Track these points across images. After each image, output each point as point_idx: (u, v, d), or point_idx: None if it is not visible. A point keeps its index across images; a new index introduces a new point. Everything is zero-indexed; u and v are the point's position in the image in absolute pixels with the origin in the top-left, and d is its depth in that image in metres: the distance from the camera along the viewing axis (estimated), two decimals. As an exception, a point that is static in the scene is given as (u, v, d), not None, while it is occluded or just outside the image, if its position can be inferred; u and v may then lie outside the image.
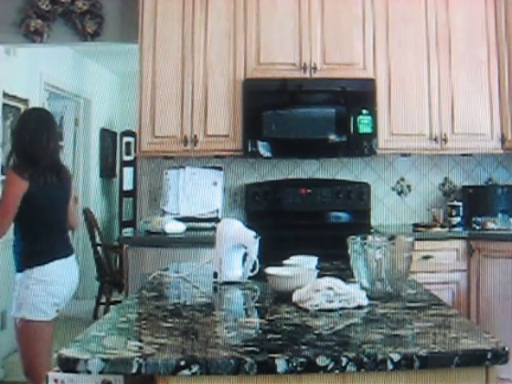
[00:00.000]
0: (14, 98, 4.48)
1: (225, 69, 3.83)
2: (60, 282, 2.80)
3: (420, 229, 3.69)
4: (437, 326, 1.55)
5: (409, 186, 4.16)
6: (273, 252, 2.15)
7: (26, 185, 2.71)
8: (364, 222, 3.98)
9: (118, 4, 4.15)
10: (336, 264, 2.35)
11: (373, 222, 4.02)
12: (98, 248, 5.40)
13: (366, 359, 1.26)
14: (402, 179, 4.16)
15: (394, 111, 3.82)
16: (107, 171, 7.18)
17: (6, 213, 2.74)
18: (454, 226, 3.79)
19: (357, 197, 3.99)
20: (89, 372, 1.26)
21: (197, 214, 3.86)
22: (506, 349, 1.29)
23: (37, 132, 2.82)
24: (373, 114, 3.77)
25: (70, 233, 3.12)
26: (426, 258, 3.47)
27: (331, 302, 1.67)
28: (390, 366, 1.26)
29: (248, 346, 1.36)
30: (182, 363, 1.25)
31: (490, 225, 3.62)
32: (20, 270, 2.79)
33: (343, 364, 1.25)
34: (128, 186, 7.13)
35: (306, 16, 3.83)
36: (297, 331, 1.50)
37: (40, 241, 2.78)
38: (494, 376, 1.31)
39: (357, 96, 3.81)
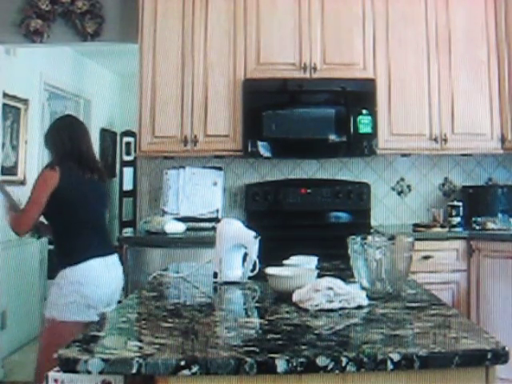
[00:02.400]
0: (13, 97, 4.48)
1: (225, 69, 3.83)
2: (94, 282, 2.67)
3: (420, 229, 3.69)
4: (437, 326, 1.55)
5: (409, 186, 4.16)
6: (273, 252, 2.15)
7: (57, 176, 2.67)
8: (364, 222, 3.98)
9: (118, 4, 4.15)
10: (336, 264, 2.35)
11: (373, 222, 4.02)
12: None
13: (366, 359, 1.26)
14: (402, 179, 4.16)
15: (393, 111, 3.82)
16: (107, 171, 7.16)
17: (29, 214, 2.70)
18: (454, 226, 3.79)
19: (357, 197, 3.99)
20: (89, 372, 1.26)
21: (197, 213, 3.86)
22: (506, 349, 1.29)
23: (75, 132, 2.86)
24: (373, 114, 3.77)
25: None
26: (426, 257, 3.47)
27: (331, 301, 1.67)
28: (390, 366, 1.26)
29: (248, 346, 1.36)
30: (182, 363, 1.25)
31: (490, 225, 3.62)
32: (57, 270, 2.70)
33: (343, 364, 1.25)
34: (128, 186, 7.13)
35: (305, 16, 3.83)
36: (297, 331, 1.50)
37: (72, 239, 2.71)
38: (494, 376, 1.31)
39: (357, 96, 3.81)
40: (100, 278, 2.69)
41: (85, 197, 2.79)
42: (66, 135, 2.83)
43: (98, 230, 2.83)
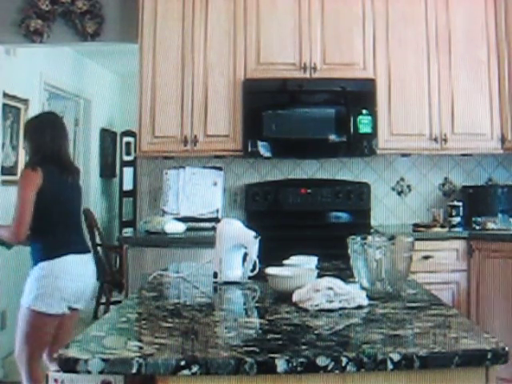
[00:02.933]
0: (13, 97, 4.48)
1: (225, 69, 3.83)
2: (69, 277, 2.81)
3: (420, 229, 3.69)
4: (437, 326, 1.55)
5: (409, 186, 4.16)
6: (273, 252, 2.15)
7: (40, 177, 2.78)
8: (364, 222, 3.98)
9: (118, 4, 4.15)
10: (336, 264, 2.35)
11: (373, 222, 4.02)
12: (98, 248, 5.40)
13: (366, 359, 1.26)
14: (402, 179, 4.16)
15: (394, 111, 3.82)
16: (107, 171, 7.18)
17: (23, 215, 2.78)
18: (454, 226, 3.79)
19: (357, 197, 3.99)
20: (89, 372, 1.26)
21: (197, 213, 3.86)
22: (506, 349, 1.29)
23: (54, 131, 2.95)
24: (373, 114, 3.77)
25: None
26: (426, 257, 3.47)
27: (331, 301, 1.67)
28: (390, 366, 1.26)
29: (248, 346, 1.36)
30: (182, 363, 1.25)
31: (490, 225, 3.62)
32: (33, 263, 2.83)
33: (343, 364, 1.25)
34: (128, 186, 7.13)
35: (305, 16, 3.83)
36: (297, 331, 1.50)
37: (50, 236, 2.83)
38: (494, 376, 1.31)
39: (357, 96, 3.81)
40: (74, 273, 2.83)
41: (64, 197, 2.91)
42: (48, 136, 2.92)
43: (74, 228, 2.98)
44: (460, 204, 3.86)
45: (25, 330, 2.83)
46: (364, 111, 3.76)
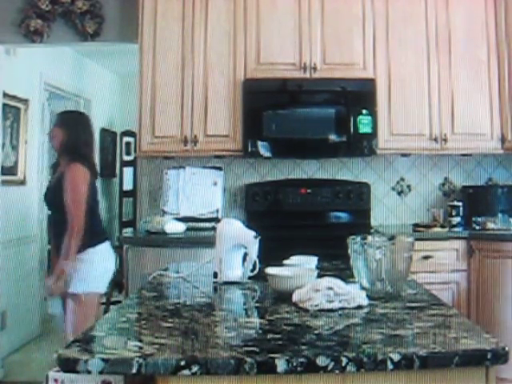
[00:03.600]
0: (13, 97, 4.48)
1: (225, 69, 3.83)
2: (110, 259, 3.13)
3: (420, 229, 3.69)
4: (437, 326, 1.55)
5: (409, 186, 4.16)
6: (273, 252, 2.15)
7: (88, 173, 3.05)
8: (364, 222, 3.97)
9: (118, 4, 4.15)
10: (336, 264, 2.35)
11: (373, 222, 4.02)
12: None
13: (366, 359, 1.26)
14: (402, 179, 4.16)
15: (393, 111, 3.82)
16: (107, 171, 7.18)
17: (81, 204, 2.98)
18: (454, 225, 3.79)
19: (357, 197, 3.99)
20: (89, 372, 1.26)
21: (197, 214, 3.86)
22: (506, 349, 1.29)
23: (89, 133, 3.24)
24: (373, 114, 3.77)
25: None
26: (426, 257, 3.47)
27: (331, 301, 1.67)
28: (390, 366, 1.26)
29: (248, 346, 1.36)
30: (182, 363, 1.25)
31: (490, 225, 3.62)
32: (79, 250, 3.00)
33: (343, 364, 1.25)
34: (128, 186, 7.13)
35: (305, 16, 3.83)
36: (297, 331, 1.50)
37: (93, 225, 3.09)
38: (494, 376, 1.31)
39: (357, 96, 3.81)
40: (111, 256, 3.15)
41: (96, 193, 3.21)
42: (82, 133, 3.17)
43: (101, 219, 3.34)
44: (460, 204, 3.86)
45: (81, 315, 2.95)
46: (364, 111, 3.76)
